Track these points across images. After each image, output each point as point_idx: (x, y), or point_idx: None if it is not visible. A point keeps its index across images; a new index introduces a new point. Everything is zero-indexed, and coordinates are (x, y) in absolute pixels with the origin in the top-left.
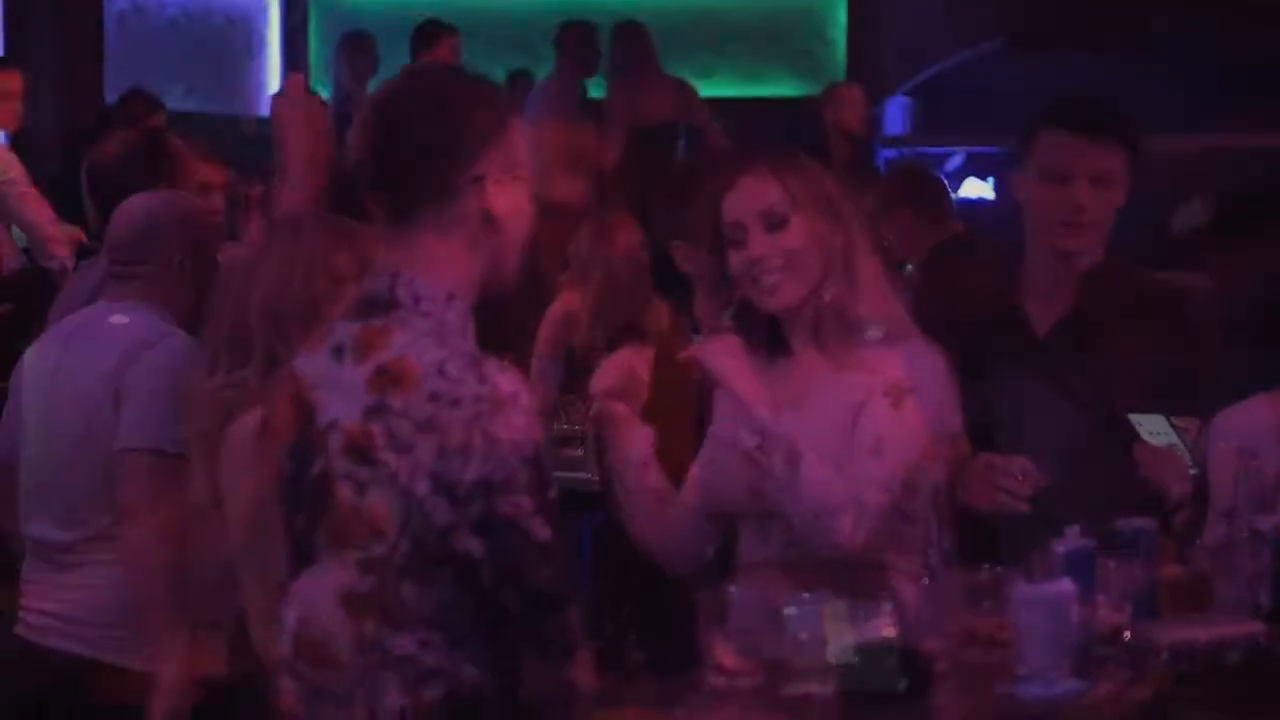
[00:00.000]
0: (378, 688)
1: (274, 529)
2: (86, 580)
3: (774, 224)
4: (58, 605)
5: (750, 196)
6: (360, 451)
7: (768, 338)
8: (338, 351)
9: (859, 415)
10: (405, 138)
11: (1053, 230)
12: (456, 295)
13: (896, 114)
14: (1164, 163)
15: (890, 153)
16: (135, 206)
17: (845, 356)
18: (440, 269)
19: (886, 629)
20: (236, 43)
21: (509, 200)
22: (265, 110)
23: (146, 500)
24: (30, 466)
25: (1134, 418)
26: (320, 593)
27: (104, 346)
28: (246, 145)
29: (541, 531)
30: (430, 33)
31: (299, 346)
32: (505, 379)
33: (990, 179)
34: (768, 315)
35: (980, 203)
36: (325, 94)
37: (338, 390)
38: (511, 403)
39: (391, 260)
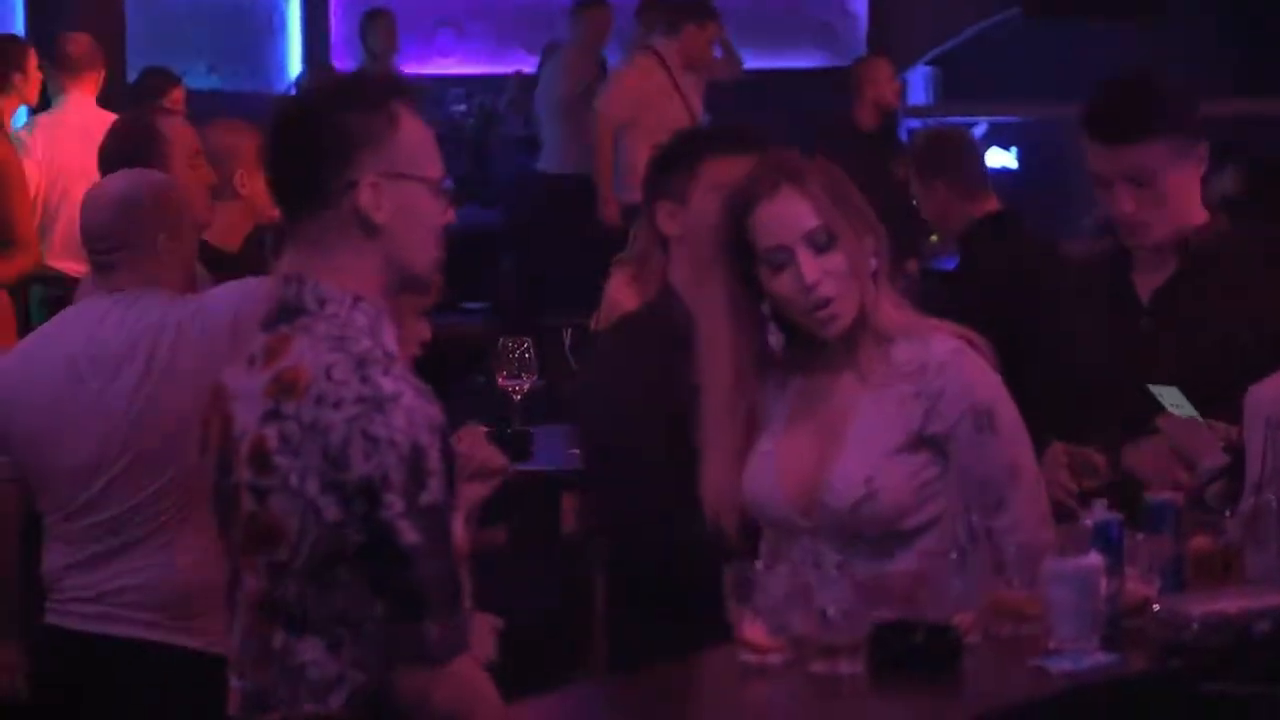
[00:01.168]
0: (291, 694)
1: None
2: (131, 563)
3: (821, 245)
4: (103, 588)
5: (789, 218)
6: (259, 458)
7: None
8: (251, 361)
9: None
10: (281, 144)
11: (1116, 227)
12: (363, 297)
13: (919, 84)
14: None
15: (914, 123)
16: (105, 190)
17: (879, 370)
18: (340, 273)
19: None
20: (258, 20)
21: (393, 202)
22: (287, 88)
23: None
24: (52, 456)
25: (1154, 389)
26: (245, 599)
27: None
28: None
29: (407, 535)
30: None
31: None
32: (389, 380)
33: (1013, 149)
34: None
35: (1004, 172)
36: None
37: (247, 400)
38: (392, 402)
39: (297, 265)
